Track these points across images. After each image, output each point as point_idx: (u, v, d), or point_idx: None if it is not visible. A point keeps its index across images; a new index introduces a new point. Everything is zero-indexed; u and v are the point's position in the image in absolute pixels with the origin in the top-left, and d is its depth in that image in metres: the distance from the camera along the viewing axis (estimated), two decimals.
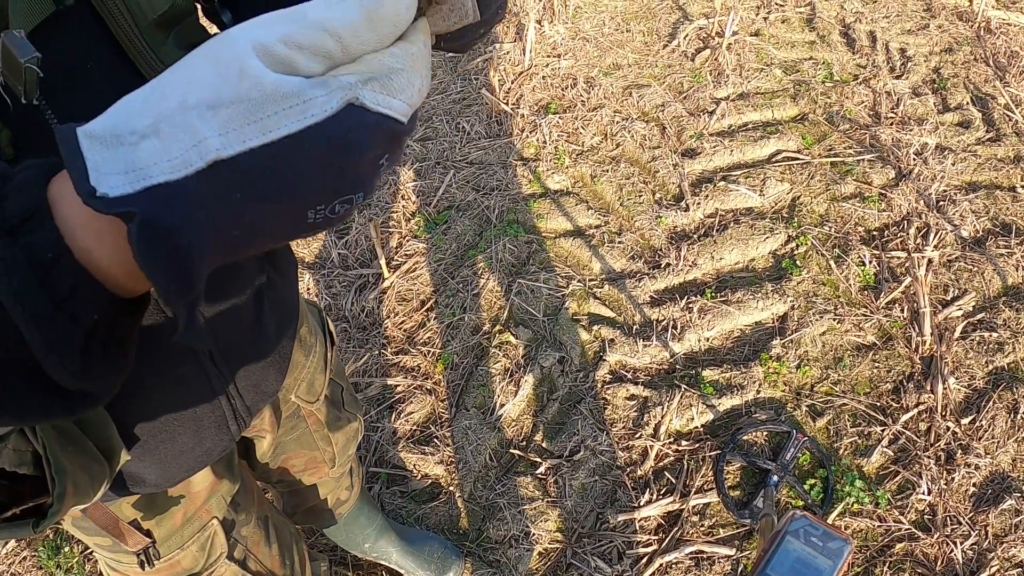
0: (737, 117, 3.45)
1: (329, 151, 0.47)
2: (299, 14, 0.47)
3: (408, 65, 0.51)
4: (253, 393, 1.16)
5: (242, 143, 0.45)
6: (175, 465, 1.10)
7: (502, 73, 3.67)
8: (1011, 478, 2.42)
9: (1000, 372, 2.65)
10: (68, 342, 0.50)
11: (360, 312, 2.84)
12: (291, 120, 0.46)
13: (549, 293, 2.83)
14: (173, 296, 0.48)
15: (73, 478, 0.78)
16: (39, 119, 0.73)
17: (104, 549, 1.23)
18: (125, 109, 0.47)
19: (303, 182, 0.48)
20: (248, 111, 0.45)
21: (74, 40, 0.76)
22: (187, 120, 0.45)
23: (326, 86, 0.47)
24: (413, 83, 0.52)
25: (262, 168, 0.46)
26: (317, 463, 1.71)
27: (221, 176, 0.45)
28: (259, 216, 0.48)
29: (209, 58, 0.47)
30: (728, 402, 2.58)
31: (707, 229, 3.03)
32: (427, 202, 3.16)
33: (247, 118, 0.45)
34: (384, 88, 0.49)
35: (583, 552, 2.31)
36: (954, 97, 3.55)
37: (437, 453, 2.50)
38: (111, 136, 0.46)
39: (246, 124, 0.45)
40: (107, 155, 0.46)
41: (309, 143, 0.46)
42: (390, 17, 0.49)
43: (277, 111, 0.45)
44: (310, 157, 0.47)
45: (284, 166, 0.46)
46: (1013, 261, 2.91)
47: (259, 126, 0.45)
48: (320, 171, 0.48)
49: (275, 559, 1.52)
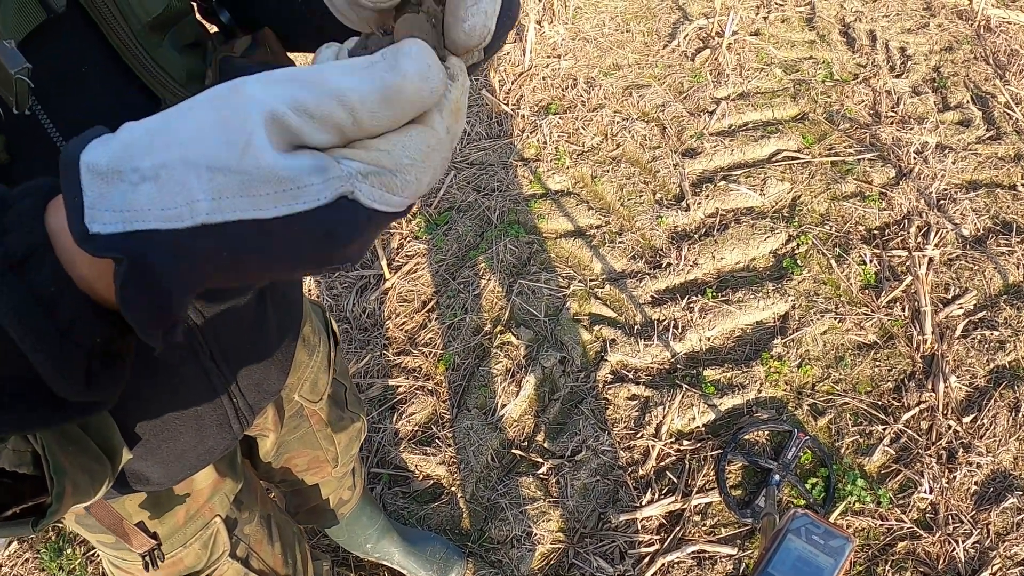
0: (737, 117, 3.45)
1: (315, 238, 0.47)
2: (317, 77, 0.46)
3: (421, 159, 0.48)
4: (255, 392, 1.16)
5: (232, 212, 0.45)
6: (177, 464, 1.10)
7: (502, 74, 3.67)
8: (1013, 476, 2.42)
9: (1001, 370, 2.65)
10: (72, 365, 0.51)
11: (361, 313, 2.84)
12: (282, 204, 0.45)
13: (550, 293, 2.83)
14: (150, 334, 0.49)
15: (72, 478, 0.78)
16: (35, 124, 0.73)
17: (107, 547, 1.23)
18: (130, 141, 0.47)
19: (288, 258, 0.47)
20: (244, 184, 0.44)
21: (67, 46, 0.75)
22: (185, 176, 0.45)
23: (324, 173, 0.45)
24: (422, 179, 0.49)
25: (248, 239, 0.46)
26: (320, 463, 1.71)
27: (207, 238, 0.45)
28: (244, 273, 0.48)
29: (220, 115, 0.45)
30: (729, 401, 2.58)
31: (708, 229, 3.03)
32: (428, 203, 3.16)
33: (241, 191, 0.44)
34: (385, 185, 0.47)
35: (585, 552, 2.31)
36: (954, 96, 3.55)
37: (439, 454, 2.50)
38: (112, 171, 0.46)
39: (239, 196, 0.45)
40: (105, 191, 0.46)
41: (297, 227, 0.46)
42: (410, 98, 0.47)
43: (271, 192, 0.44)
44: (297, 240, 0.46)
45: (270, 242, 0.46)
46: (1014, 259, 2.91)
47: (251, 202, 0.45)
48: (306, 251, 0.47)
49: (277, 558, 1.52)
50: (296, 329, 1.30)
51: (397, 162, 0.47)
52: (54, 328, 0.49)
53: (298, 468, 1.70)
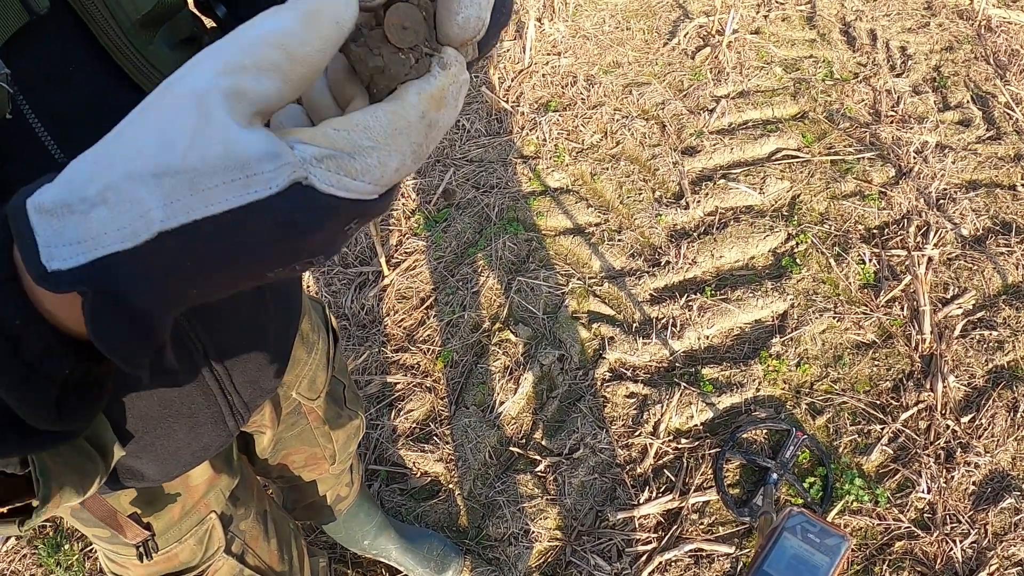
0: (737, 115, 3.45)
1: (275, 228, 0.44)
2: (239, 33, 0.44)
3: (384, 142, 0.46)
4: (251, 389, 1.15)
5: (186, 215, 0.43)
6: (172, 460, 1.10)
7: (502, 71, 3.67)
8: (1011, 477, 2.42)
9: (1000, 370, 2.64)
10: (43, 399, 0.50)
11: (360, 310, 2.84)
12: (232, 195, 0.42)
13: (549, 291, 2.83)
14: (134, 363, 0.48)
15: (60, 479, 0.78)
16: (24, 126, 0.72)
17: (103, 541, 1.23)
18: (74, 176, 0.45)
19: (251, 254, 0.45)
20: (192, 181, 0.42)
21: (51, 47, 0.74)
22: (134, 190, 0.43)
23: (276, 160, 0.43)
24: (386, 163, 0.46)
25: (208, 240, 0.44)
26: (317, 459, 1.71)
27: (167, 247, 0.43)
28: (213, 279, 0.46)
29: (155, 119, 0.44)
30: (728, 400, 2.58)
31: (707, 227, 3.03)
32: (427, 200, 3.15)
33: (191, 189, 0.42)
34: (342, 168, 0.45)
35: (582, 550, 2.31)
36: (954, 95, 3.55)
37: (437, 451, 2.50)
38: (61, 206, 0.44)
39: (190, 195, 0.42)
40: (58, 226, 0.44)
41: (253, 219, 0.43)
42: (331, 14, 0.44)
43: (219, 183, 0.42)
44: (256, 232, 0.44)
45: (229, 239, 0.44)
46: (1013, 260, 2.90)
47: (202, 197, 0.42)
48: (268, 245, 0.45)
49: (273, 554, 1.51)
50: (294, 325, 1.29)
51: (356, 144, 0.45)
52: (20, 363, 0.48)
53: (295, 465, 1.70)
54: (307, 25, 0.43)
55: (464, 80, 0.51)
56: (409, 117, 0.47)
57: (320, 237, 0.46)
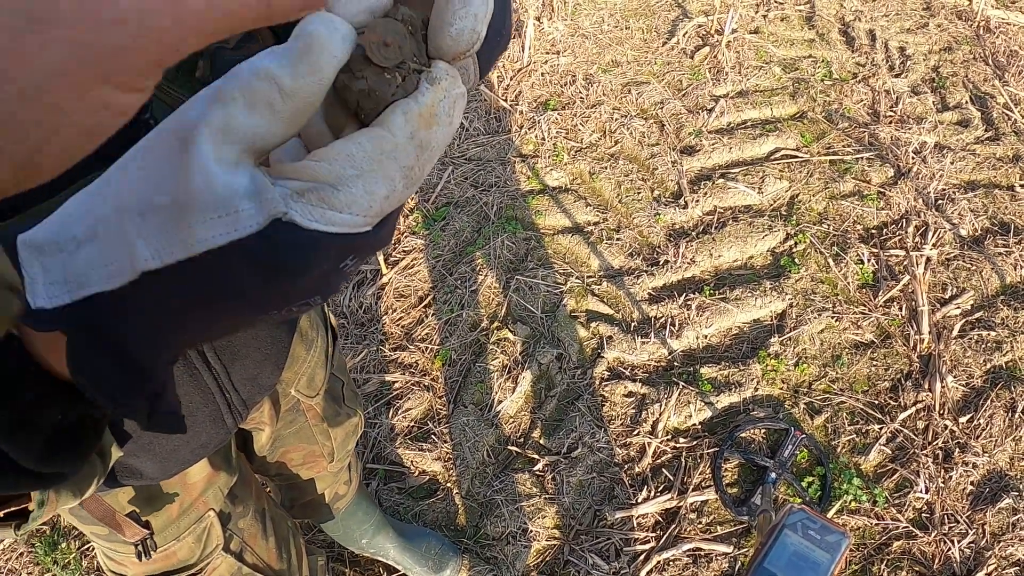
0: (736, 115, 3.45)
1: (259, 270, 0.42)
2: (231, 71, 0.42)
3: (370, 168, 0.43)
4: (249, 386, 1.15)
5: (169, 255, 0.41)
6: (170, 458, 1.09)
7: (501, 70, 3.67)
8: (1009, 477, 2.42)
9: (998, 371, 2.64)
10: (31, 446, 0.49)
11: (358, 308, 2.83)
12: (213, 234, 0.40)
13: (547, 290, 2.83)
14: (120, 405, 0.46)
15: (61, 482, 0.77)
16: None
17: (101, 538, 1.23)
18: (66, 214, 0.43)
19: (239, 296, 0.43)
20: (175, 221, 0.40)
21: None
22: (121, 226, 0.41)
23: (258, 197, 0.40)
24: (373, 192, 0.43)
25: (190, 281, 0.42)
26: (315, 457, 1.71)
27: (151, 288, 0.42)
28: (203, 321, 0.45)
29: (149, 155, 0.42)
30: (726, 399, 2.58)
31: (706, 227, 3.03)
32: (425, 198, 3.15)
33: (174, 228, 0.40)
34: (324, 201, 0.42)
35: (580, 549, 2.31)
36: (953, 96, 3.55)
37: (435, 450, 2.50)
38: (50, 243, 0.43)
39: (172, 235, 0.41)
40: (47, 263, 0.43)
41: (235, 260, 0.41)
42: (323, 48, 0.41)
43: (201, 223, 0.40)
44: (240, 274, 0.42)
45: (212, 280, 0.42)
46: (1011, 260, 2.91)
47: (183, 237, 0.40)
48: (255, 288, 0.43)
49: (272, 552, 1.51)
50: (292, 323, 1.29)
51: (338, 174, 0.42)
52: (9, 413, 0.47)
53: (294, 463, 1.69)
54: (299, 60, 0.41)
55: (458, 94, 0.47)
56: (396, 140, 0.44)
57: (311, 276, 0.44)
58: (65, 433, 0.51)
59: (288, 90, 0.41)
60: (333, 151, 0.42)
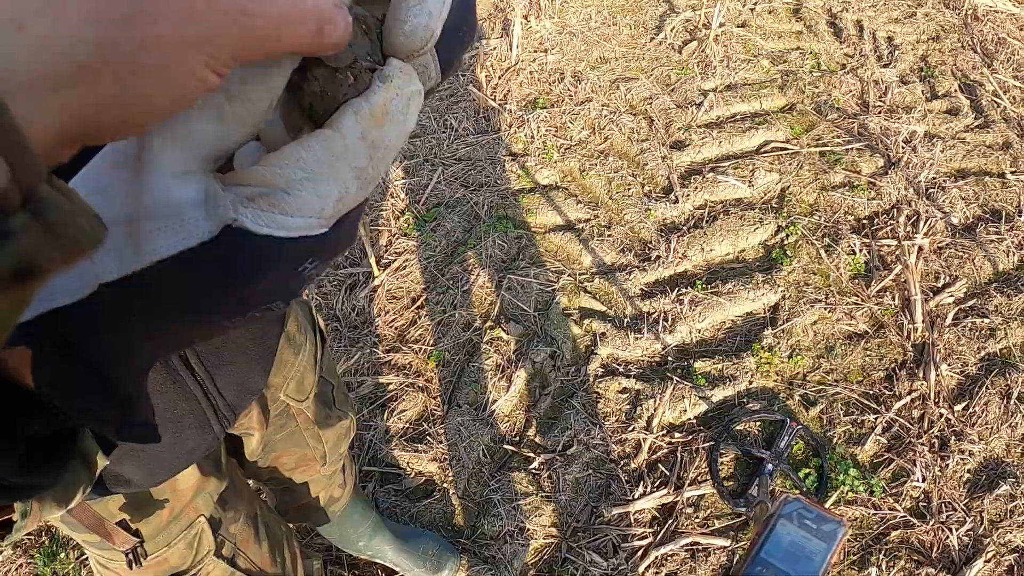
0: (725, 108, 3.45)
1: (213, 276, 0.42)
2: None
3: (320, 171, 0.42)
4: (236, 391, 1.14)
5: (127, 266, 0.41)
6: (157, 465, 1.09)
7: (489, 69, 3.66)
8: (1005, 463, 2.42)
9: (992, 358, 2.64)
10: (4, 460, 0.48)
11: (351, 311, 2.83)
12: (165, 242, 0.40)
13: (539, 288, 2.83)
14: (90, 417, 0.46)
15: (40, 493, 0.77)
16: None
17: (93, 546, 1.23)
18: None
19: (196, 305, 0.43)
20: (128, 232, 0.41)
21: None
22: None
23: (208, 205, 0.41)
24: (325, 195, 0.43)
25: (147, 291, 0.42)
26: (308, 461, 1.70)
27: (113, 298, 0.42)
28: (165, 330, 0.45)
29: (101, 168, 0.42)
30: (721, 393, 2.58)
31: (697, 221, 3.03)
32: (416, 199, 3.15)
33: (128, 239, 0.41)
34: (275, 206, 0.41)
35: (578, 546, 2.30)
36: (942, 85, 3.55)
37: (430, 450, 2.49)
38: None
39: (127, 246, 0.41)
40: None
41: (188, 267, 0.41)
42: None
43: (153, 230, 0.40)
44: (194, 282, 0.42)
45: (168, 290, 0.42)
46: (1003, 247, 2.91)
47: (137, 248, 0.41)
48: (211, 295, 0.43)
49: (265, 557, 1.51)
50: (279, 324, 1.29)
51: (288, 178, 0.42)
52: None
53: (286, 467, 1.69)
54: (248, 65, 0.41)
55: (412, 92, 0.47)
56: (346, 140, 0.43)
57: (268, 281, 0.44)
58: (40, 445, 0.50)
59: (237, 95, 0.41)
60: (283, 155, 0.42)
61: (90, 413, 0.45)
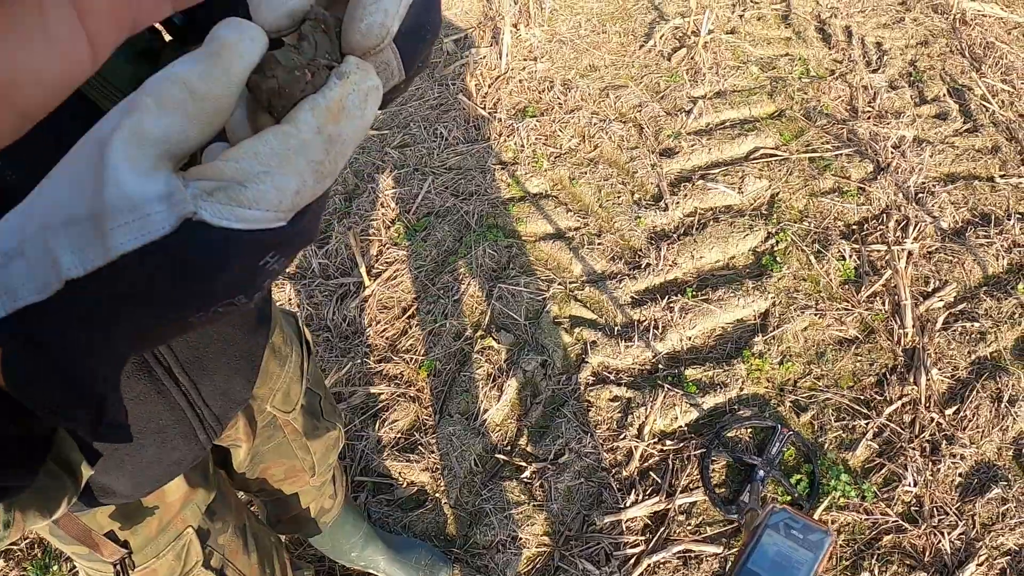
0: (714, 115, 3.46)
1: (174, 270, 0.43)
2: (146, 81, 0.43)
3: (277, 164, 0.43)
4: (221, 401, 1.14)
5: (91, 262, 0.42)
6: (143, 476, 1.09)
7: (479, 78, 3.67)
8: (997, 467, 2.43)
9: (983, 362, 2.65)
10: None
11: (342, 321, 2.83)
12: (128, 237, 0.41)
13: (530, 297, 2.83)
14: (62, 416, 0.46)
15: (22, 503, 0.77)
16: None
17: (81, 558, 1.23)
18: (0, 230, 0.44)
19: (159, 299, 0.44)
20: (94, 228, 0.41)
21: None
22: (47, 240, 0.42)
23: (169, 199, 0.41)
24: (283, 188, 0.44)
25: (111, 286, 0.42)
26: (297, 472, 1.70)
27: (76, 295, 0.42)
28: (131, 327, 0.45)
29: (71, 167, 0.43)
30: (712, 400, 2.58)
31: (687, 228, 3.03)
32: (406, 209, 3.15)
33: (94, 235, 0.42)
34: (233, 199, 0.42)
35: (570, 555, 2.30)
36: (931, 89, 3.56)
37: (422, 460, 2.49)
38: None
39: (92, 242, 0.42)
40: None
41: (150, 261, 0.42)
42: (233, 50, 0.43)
43: (116, 226, 0.41)
44: (156, 276, 0.43)
45: (132, 284, 0.43)
46: (993, 251, 2.91)
47: (102, 244, 0.41)
48: (173, 288, 0.43)
49: (254, 568, 1.50)
50: (263, 333, 1.29)
51: (245, 171, 0.43)
52: None
53: (275, 478, 1.69)
54: (209, 63, 0.42)
55: (369, 88, 0.48)
56: (303, 135, 0.44)
57: (229, 274, 0.44)
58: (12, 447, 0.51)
59: (199, 93, 0.42)
60: (241, 150, 0.43)
61: (61, 412, 0.46)
